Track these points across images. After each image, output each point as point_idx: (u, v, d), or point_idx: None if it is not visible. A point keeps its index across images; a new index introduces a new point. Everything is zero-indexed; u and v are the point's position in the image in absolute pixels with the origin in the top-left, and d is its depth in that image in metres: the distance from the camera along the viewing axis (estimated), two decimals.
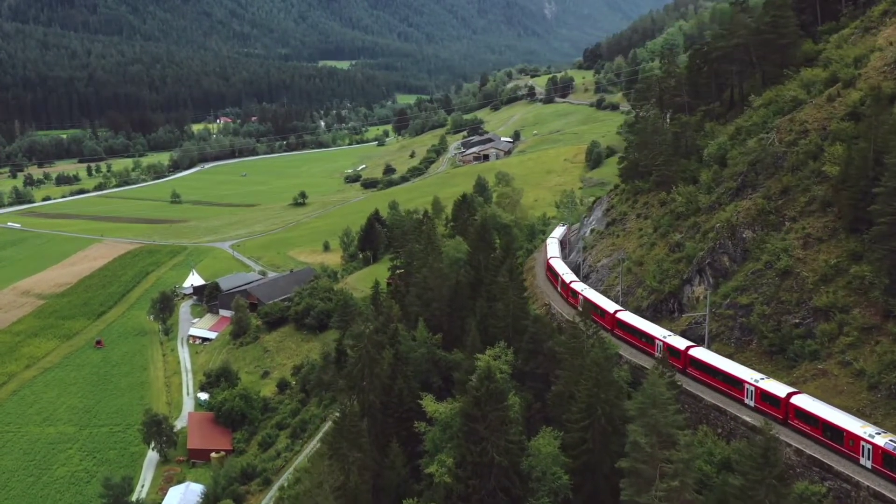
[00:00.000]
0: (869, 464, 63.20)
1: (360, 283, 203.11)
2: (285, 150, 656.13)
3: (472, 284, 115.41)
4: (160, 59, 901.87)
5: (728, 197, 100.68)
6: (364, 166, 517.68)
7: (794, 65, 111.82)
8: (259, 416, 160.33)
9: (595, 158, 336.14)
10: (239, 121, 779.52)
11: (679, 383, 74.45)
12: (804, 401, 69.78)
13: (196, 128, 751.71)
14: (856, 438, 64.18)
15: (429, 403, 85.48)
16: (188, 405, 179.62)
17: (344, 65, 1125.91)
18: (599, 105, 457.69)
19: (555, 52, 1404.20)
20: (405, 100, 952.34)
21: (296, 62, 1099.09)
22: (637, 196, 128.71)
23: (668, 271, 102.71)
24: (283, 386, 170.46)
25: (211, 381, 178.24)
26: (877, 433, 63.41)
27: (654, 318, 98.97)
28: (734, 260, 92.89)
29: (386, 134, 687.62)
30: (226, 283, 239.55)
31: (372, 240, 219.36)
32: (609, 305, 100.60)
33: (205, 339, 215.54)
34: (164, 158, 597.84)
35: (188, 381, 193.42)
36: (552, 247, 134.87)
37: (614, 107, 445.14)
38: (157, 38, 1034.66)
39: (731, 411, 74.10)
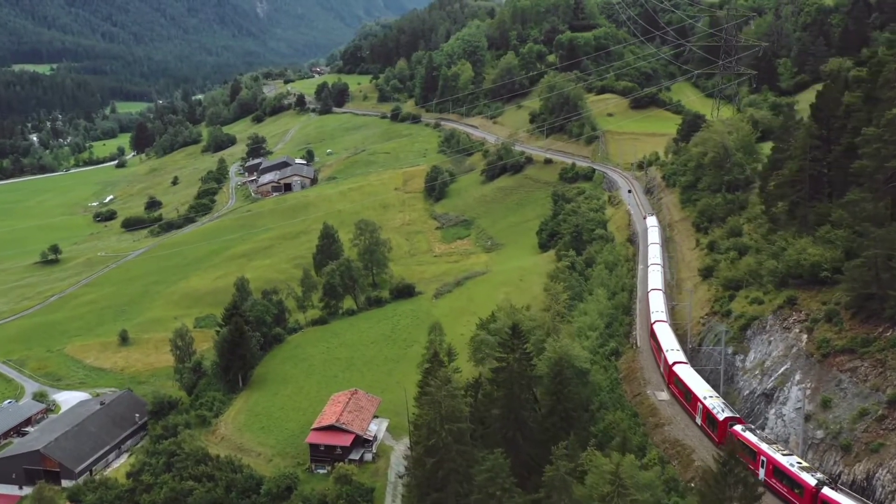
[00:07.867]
0: (699, 420, 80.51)
1: (249, 434, 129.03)
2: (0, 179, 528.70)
3: None
4: None
5: None
6: (112, 197, 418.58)
7: None
8: None
9: (440, 188, 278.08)
10: None
11: None
12: (681, 370, 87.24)
13: None
14: (695, 399, 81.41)
15: None
16: None
17: (44, 69, 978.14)
18: (395, 117, 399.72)
19: (273, 52, 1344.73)
20: (126, 108, 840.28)
21: None
22: (880, 333, 71.55)
23: None
24: None
25: None
26: (709, 396, 79.82)
27: None
28: None
29: (121, 151, 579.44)
30: None
31: (242, 353, 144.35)
32: None
33: None
34: None
35: None
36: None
37: (415, 118, 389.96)
38: None
39: None
